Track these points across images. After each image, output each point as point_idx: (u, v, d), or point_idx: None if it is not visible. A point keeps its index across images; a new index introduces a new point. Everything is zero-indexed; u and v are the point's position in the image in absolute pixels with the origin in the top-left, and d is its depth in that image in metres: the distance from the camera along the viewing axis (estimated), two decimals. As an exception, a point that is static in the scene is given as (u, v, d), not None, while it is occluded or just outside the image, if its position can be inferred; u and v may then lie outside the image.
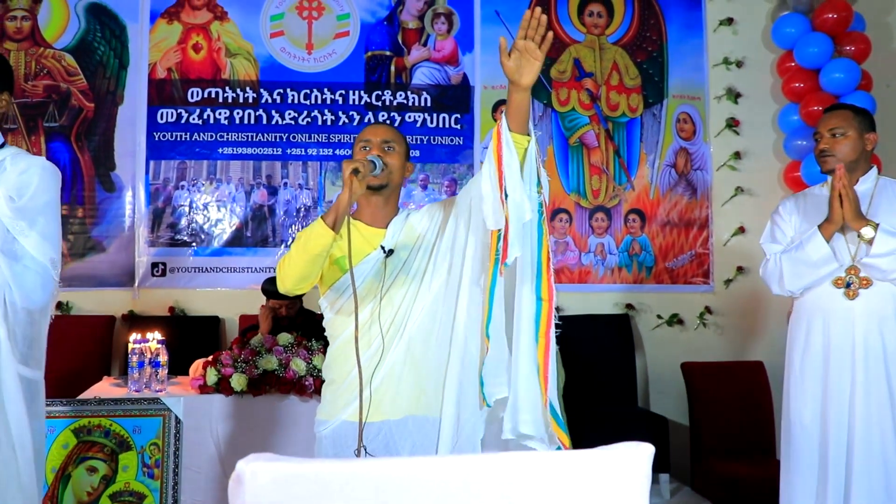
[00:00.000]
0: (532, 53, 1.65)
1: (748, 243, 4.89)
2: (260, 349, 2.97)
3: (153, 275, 4.51)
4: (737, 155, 4.93)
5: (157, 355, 2.92)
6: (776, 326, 4.87)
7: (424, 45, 4.81)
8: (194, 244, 4.57)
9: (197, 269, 4.56)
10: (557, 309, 5.08)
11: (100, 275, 4.46)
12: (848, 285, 2.52)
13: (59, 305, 4.40)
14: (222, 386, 2.92)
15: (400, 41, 4.80)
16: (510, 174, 1.68)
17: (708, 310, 4.84)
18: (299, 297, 3.89)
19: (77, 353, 4.20)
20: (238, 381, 2.88)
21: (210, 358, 3.02)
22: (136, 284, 4.49)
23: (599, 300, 4.80)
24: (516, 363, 1.80)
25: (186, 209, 4.57)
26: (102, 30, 4.55)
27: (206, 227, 4.58)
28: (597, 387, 4.40)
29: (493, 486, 0.84)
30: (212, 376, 2.90)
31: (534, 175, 1.75)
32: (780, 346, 4.81)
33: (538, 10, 1.68)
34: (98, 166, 4.50)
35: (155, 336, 3.05)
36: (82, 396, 2.91)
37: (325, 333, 2.09)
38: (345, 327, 1.97)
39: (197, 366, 3.14)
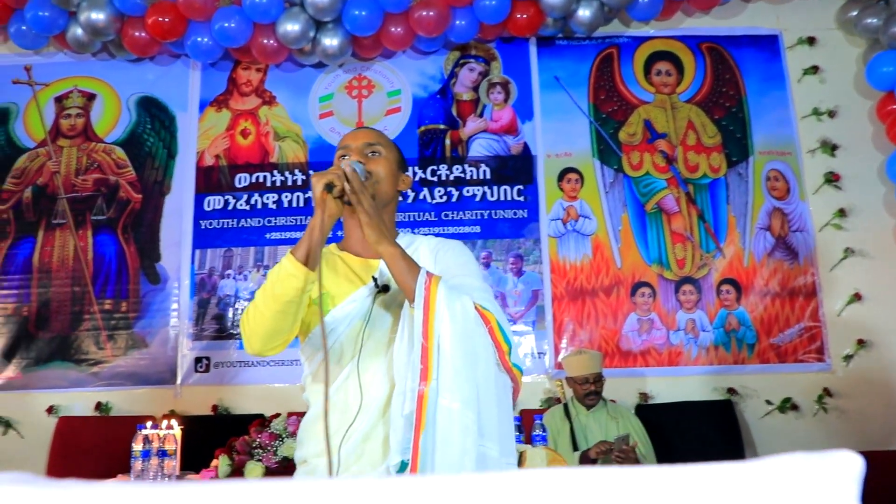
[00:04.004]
0: None
1: (867, 312, 4.19)
2: (282, 433, 2.50)
3: (197, 370, 4.18)
4: (841, 212, 4.32)
5: (165, 443, 2.50)
6: (916, 408, 4.07)
7: (480, 115, 4.53)
8: (240, 336, 4.23)
9: (243, 364, 4.20)
10: (645, 395, 4.35)
11: (141, 372, 4.17)
12: None
13: (98, 406, 4.10)
14: (235, 478, 2.46)
15: (454, 113, 4.54)
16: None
17: (827, 392, 4.09)
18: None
19: (111, 457, 3.84)
20: (253, 471, 2.40)
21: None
22: (179, 382, 4.16)
23: (695, 384, 4.14)
24: None
25: (232, 299, 4.28)
26: (152, 121, 4.49)
27: (253, 317, 4.25)
28: (699, 486, 3.68)
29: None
30: (223, 466, 2.43)
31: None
32: (925, 431, 4.06)
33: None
34: (143, 258, 4.30)
35: (171, 423, 2.64)
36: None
37: (303, 395, 1.64)
38: (319, 395, 1.51)
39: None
